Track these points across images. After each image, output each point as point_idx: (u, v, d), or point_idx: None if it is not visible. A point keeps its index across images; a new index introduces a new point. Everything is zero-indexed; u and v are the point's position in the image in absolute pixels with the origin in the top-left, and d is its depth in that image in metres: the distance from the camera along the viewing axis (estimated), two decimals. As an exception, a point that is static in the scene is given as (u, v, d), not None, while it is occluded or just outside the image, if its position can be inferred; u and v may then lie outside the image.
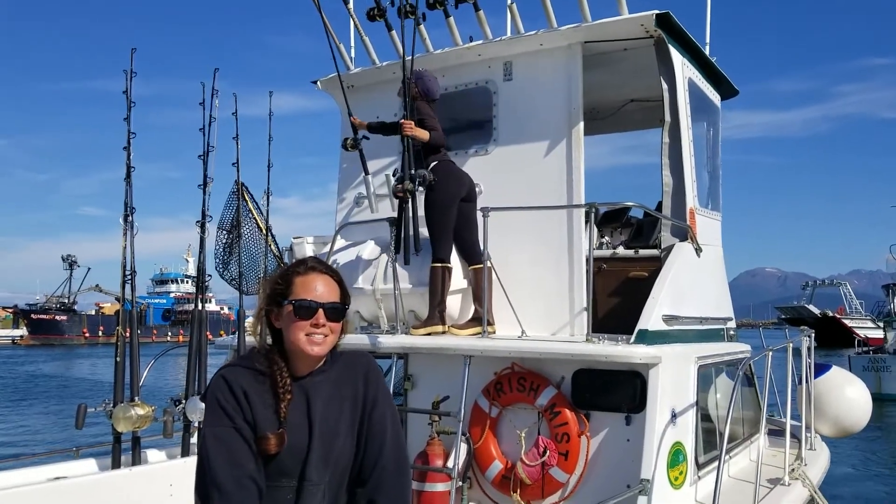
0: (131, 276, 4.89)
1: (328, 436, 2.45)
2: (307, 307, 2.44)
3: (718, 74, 7.27)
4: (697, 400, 5.52)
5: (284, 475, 2.40)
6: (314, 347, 2.44)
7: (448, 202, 5.93)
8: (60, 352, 69.60)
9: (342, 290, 2.56)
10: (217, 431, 2.37)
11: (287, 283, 2.49)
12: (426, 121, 5.98)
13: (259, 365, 2.46)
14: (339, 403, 2.51)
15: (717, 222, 7.16)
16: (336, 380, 2.54)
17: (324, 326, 2.45)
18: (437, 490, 5.31)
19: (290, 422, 2.41)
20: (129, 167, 4.84)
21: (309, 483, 2.41)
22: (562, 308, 6.12)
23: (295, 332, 2.43)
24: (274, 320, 2.51)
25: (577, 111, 6.32)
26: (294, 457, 2.40)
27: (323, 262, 2.61)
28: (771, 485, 5.66)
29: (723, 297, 7.14)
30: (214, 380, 2.46)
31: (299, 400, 2.45)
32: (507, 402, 5.48)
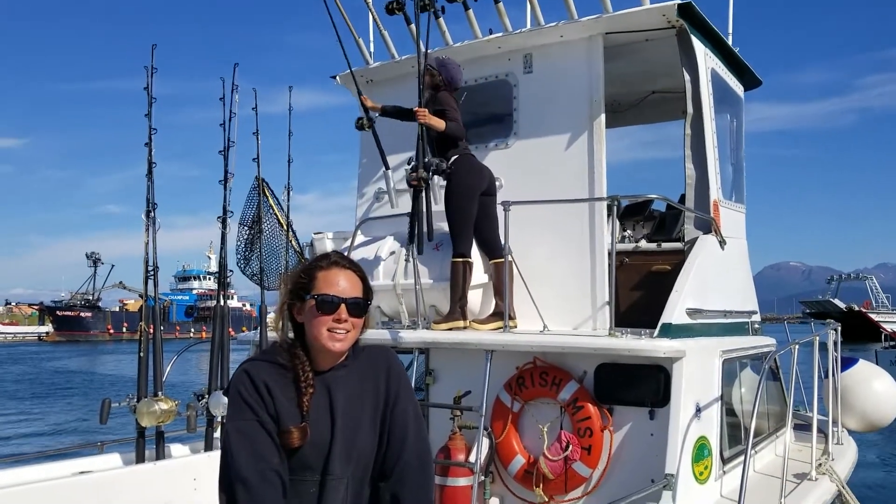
0: (154, 272, 4.92)
1: (350, 430, 2.45)
2: (329, 302, 2.43)
3: (741, 64, 7.17)
4: (722, 394, 5.46)
5: (308, 469, 2.40)
6: (336, 343, 2.43)
7: (468, 196, 5.88)
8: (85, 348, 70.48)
9: (365, 286, 2.55)
10: (240, 425, 2.37)
11: (310, 278, 2.49)
12: (447, 112, 5.91)
13: (281, 359, 2.46)
14: (360, 397, 2.50)
15: (741, 214, 7.07)
16: (358, 374, 2.53)
17: (346, 321, 2.44)
18: (459, 484, 5.29)
19: (313, 416, 2.40)
20: (151, 163, 4.86)
21: (332, 477, 2.41)
22: (584, 302, 6.07)
23: (317, 327, 2.43)
24: (296, 314, 2.50)
25: (598, 103, 6.26)
26: (317, 451, 2.40)
27: (346, 257, 2.59)
28: (798, 480, 5.60)
29: (747, 290, 7.05)
30: (237, 374, 2.46)
31: (321, 394, 2.44)
32: (530, 397, 5.45)
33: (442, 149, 5.99)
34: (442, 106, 5.93)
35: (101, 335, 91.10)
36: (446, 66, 6.10)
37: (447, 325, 5.69)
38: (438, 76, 6.04)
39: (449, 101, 5.99)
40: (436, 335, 5.65)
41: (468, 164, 5.97)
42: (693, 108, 6.09)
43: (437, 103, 5.95)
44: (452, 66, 6.16)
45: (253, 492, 2.29)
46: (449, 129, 5.89)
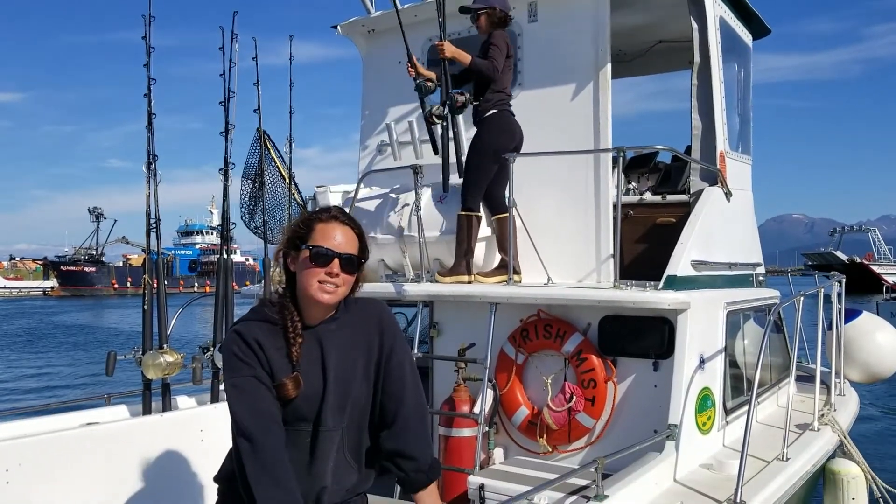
0: (156, 225, 4.90)
1: (343, 381, 2.47)
2: (324, 255, 2.43)
3: (750, 12, 7.03)
4: (726, 346, 5.47)
5: (301, 420, 2.44)
6: (325, 295, 2.44)
7: (492, 156, 5.68)
8: (90, 302, 70.98)
9: (361, 243, 2.55)
10: (237, 381, 2.39)
11: (308, 229, 2.49)
12: (491, 50, 5.62)
13: (270, 314, 2.47)
14: (352, 349, 2.52)
15: (747, 166, 7.01)
16: (349, 327, 2.54)
17: (337, 276, 2.44)
18: (463, 435, 5.33)
19: (305, 368, 2.42)
20: (150, 114, 4.80)
21: (324, 428, 2.44)
22: (588, 255, 6.04)
23: (308, 278, 2.44)
24: (290, 263, 2.51)
25: (604, 53, 6.15)
26: (310, 402, 2.43)
27: (346, 213, 2.59)
28: (800, 430, 5.63)
29: (752, 242, 7.02)
30: (228, 335, 2.48)
31: (312, 347, 2.46)
32: (534, 349, 5.47)
33: (478, 90, 5.75)
34: (490, 43, 5.66)
35: (105, 290, 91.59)
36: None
37: (452, 278, 5.66)
38: (495, 12, 5.75)
39: (499, 40, 5.68)
40: (440, 288, 5.65)
41: (502, 122, 5.75)
42: (700, 58, 5.99)
43: (490, 43, 5.68)
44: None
45: (258, 446, 2.32)
46: (474, 64, 5.61)
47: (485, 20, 5.81)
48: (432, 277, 5.89)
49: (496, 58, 5.60)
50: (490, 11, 5.77)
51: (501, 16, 5.79)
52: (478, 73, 5.67)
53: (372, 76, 7.39)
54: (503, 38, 5.73)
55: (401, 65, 6.97)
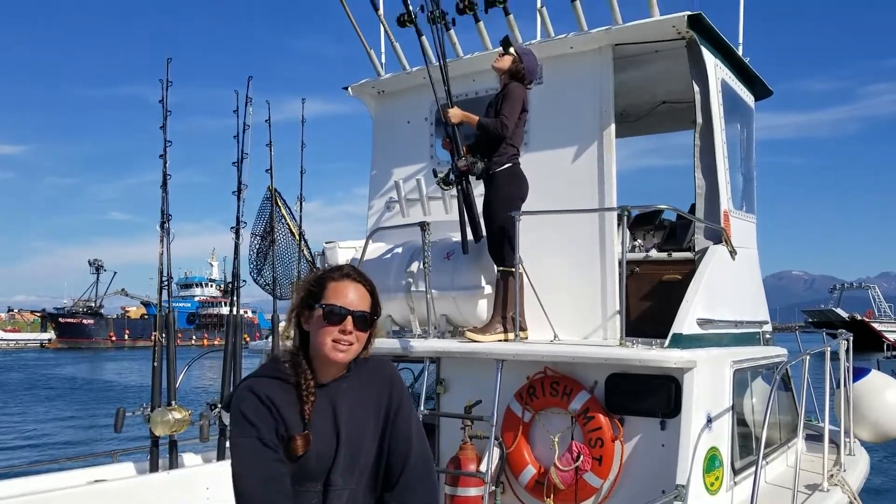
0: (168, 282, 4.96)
1: (355, 441, 2.48)
2: (337, 313, 2.45)
3: (752, 75, 7.18)
4: (733, 404, 5.45)
5: (310, 480, 2.43)
6: (339, 354, 2.46)
7: (517, 204, 5.71)
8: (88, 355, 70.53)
9: (373, 301, 2.57)
10: (241, 442, 2.39)
11: (321, 287, 2.52)
12: (504, 108, 5.65)
13: (282, 371, 2.48)
14: (364, 409, 2.53)
15: (751, 224, 7.07)
16: (361, 385, 2.56)
17: (351, 334, 2.46)
18: (469, 495, 5.30)
19: (317, 428, 2.42)
20: (166, 175, 4.91)
21: (334, 487, 2.44)
22: (594, 312, 6.08)
23: (322, 337, 2.45)
24: (304, 322, 2.53)
25: (608, 114, 6.28)
26: (321, 462, 2.43)
27: (358, 271, 2.62)
28: (809, 491, 5.58)
29: (758, 299, 7.05)
30: (239, 391, 2.48)
31: (325, 406, 2.47)
32: (540, 407, 5.46)
33: (486, 148, 5.78)
34: (506, 99, 5.68)
35: (103, 342, 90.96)
36: (528, 56, 5.84)
37: (488, 336, 5.52)
38: (520, 63, 5.76)
39: (514, 95, 5.69)
40: (446, 344, 5.66)
41: (517, 174, 5.80)
42: (703, 119, 6.10)
43: (504, 95, 5.72)
44: (532, 58, 5.89)
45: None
46: (481, 125, 5.66)
47: (508, 62, 5.80)
48: (439, 333, 5.91)
49: (507, 114, 5.61)
50: (515, 59, 5.78)
51: (520, 71, 5.77)
52: (485, 132, 5.73)
53: (381, 135, 7.54)
54: (520, 93, 5.74)
55: (409, 125, 7.16)
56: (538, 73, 5.97)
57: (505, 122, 5.61)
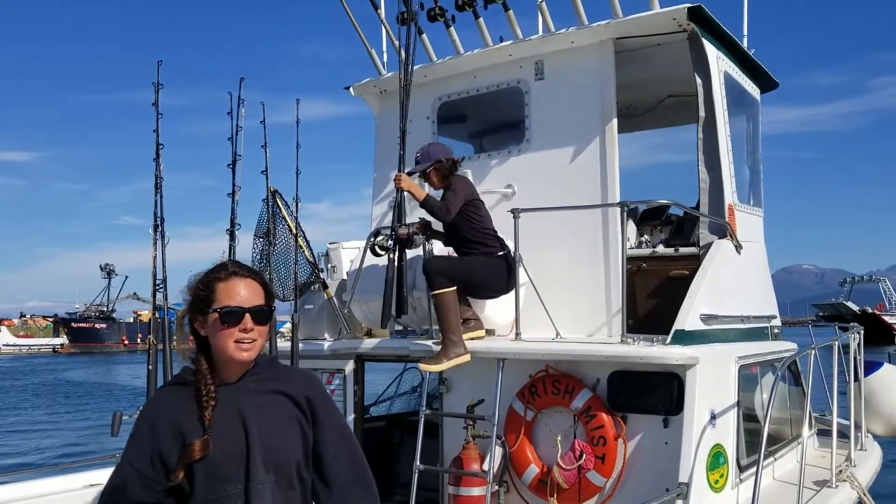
0: (163, 286, 4.97)
1: (266, 435, 2.40)
2: (233, 313, 2.38)
3: (757, 67, 7.09)
4: (740, 400, 5.39)
5: (228, 482, 2.35)
6: (243, 353, 2.40)
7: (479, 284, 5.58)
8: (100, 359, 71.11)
9: (266, 292, 2.50)
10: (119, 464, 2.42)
11: (210, 290, 2.43)
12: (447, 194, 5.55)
13: (187, 377, 2.44)
14: (273, 404, 2.45)
15: (758, 218, 6.98)
16: (269, 380, 2.49)
17: (252, 330, 2.40)
18: (473, 494, 5.27)
19: (223, 428, 2.36)
20: (159, 178, 4.92)
21: (255, 482, 2.36)
22: (598, 309, 6.03)
23: (223, 340, 2.39)
24: (199, 328, 2.45)
25: (610, 108, 6.22)
26: (234, 461, 2.35)
27: (244, 266, 2.54)
28: (817, 487, 5.50)
29: (766, 294, 6.96)
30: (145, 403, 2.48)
31: (230, 406, 2.40)
32: (543, 405, 5.41)
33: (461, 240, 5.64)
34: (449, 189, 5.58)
35: (115, 346, 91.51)
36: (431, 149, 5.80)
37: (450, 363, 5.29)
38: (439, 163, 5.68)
39: (454, 187, 5.56)
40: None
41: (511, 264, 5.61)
42: (705, 112, 6.03)
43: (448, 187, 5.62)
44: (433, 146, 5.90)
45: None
46: (426, 203, 5.51)
47: (435, 175, 5.73)
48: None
49: (451, 200, 5.47)
50: (438, 165, 5.70)
51: (450, 164, 5.71)
52: (429, 212, 5.56)
53: (384, 135, 7.51)
54: (462, 183, 5.64)
55: (412, 123, 7.12)
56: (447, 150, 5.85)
57: (449, 207, 5.45)
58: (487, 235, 5.62)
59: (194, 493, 2.32)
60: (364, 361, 6.38)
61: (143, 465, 2.34)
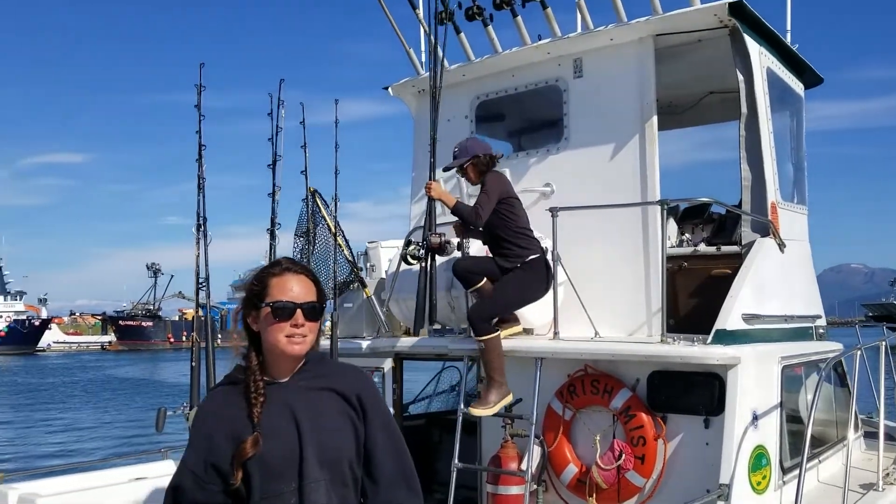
0: (205, 284, 5.05)
1: (319, 430, 2.41)
2: (285, 308, 2.41)
3: (800, 63, 6.97)
4: (783, 401, 5.30)
5: (282, 481, 2.36)
6: (294, 347, 2.42)
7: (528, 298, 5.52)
8: (147, 356, 72.73)
9: (318, 289, 2.53)
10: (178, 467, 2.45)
11: (263, 286, 2.47)
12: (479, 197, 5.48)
13: (238, 375, 2.47)
14: (325, 400, 2.47)
15: (802, 216, 6.86)
16: (321, 378, 2.51)
17: (303, 326, 2.42)
18: (511, 493, 5.27)
19: (274, 425, 2.38)
20: (201, 178, 5.00)
21: (309, 480, 2.37)
22: (638, 308, 5.99)
23: (274, 334, 2.41)
24: (252, 323, 2.48)
25: (650, 106, 6.17)
26: (288, 459, 2.37)
27: (297, 263, 2.58)
28: (863, 490, 5.39)
29: (811, 293, 6.83)
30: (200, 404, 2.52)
31: (282, 404, 2.42)
32: (581, 405, 5.39)
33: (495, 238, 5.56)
34: (481, 191, 5.50)
35: (161, 344, 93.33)
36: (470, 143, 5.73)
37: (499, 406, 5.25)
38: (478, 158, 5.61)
39: (488, 186, 5.47)
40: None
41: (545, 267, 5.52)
42: (747, 109, 5.95)
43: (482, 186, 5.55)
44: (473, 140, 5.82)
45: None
46: (456, 209, 5.50)
47: (473, 171, 5.65)
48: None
49: (482, 204, 5.39)
50: (475, 161, 5.62)
51: (488, 160, 5.62)
52: (460, 218, 5.55)
53: (422, 134, 7.52)
54: (496, 181, 5.54)
55: (450, 122, 7.15)
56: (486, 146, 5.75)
57: (479, 212, 5.38)
58: (520, 235, 5.52)
59: (252, 492, 2.34)
60: (402, 360, 6.42)
61: (198, 467, 2.37)
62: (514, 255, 5.47)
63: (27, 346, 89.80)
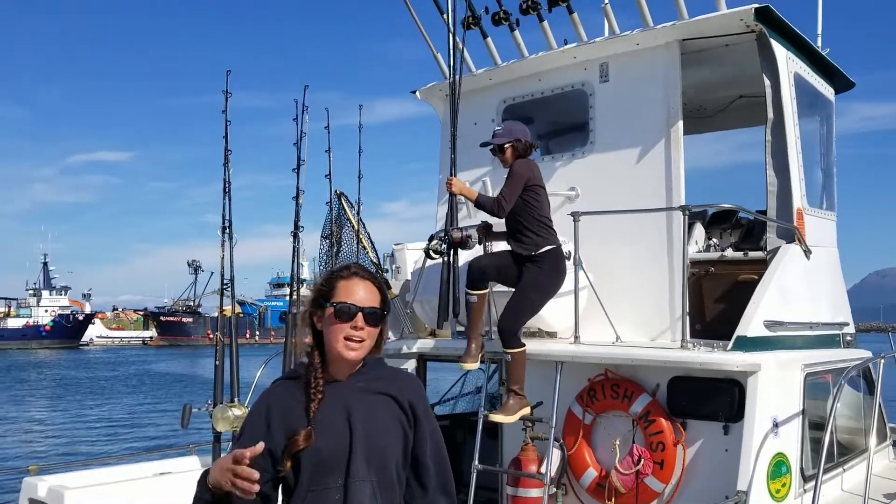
0: (230, 285, 5.16)
1: (370, 434, 2.49)
2: (346, 310, 2.51)
3: (830, 67, 6.89)
4: (806, 409, 5.27)
5: (329, 475, 2.45)
6: (350, 351, 2.51)
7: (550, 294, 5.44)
8: (187, 351, 73.91)
9: (383, 297, 2.61)
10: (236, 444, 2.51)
11: (330, 287, 2.57)
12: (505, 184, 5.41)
13: (300, 370, 2.57)
14: (379, 403, 2.56)
15: (831, 222, 6.79)
16: (378, 388, 2.59)
17: (362, 330, 2.51)
18: (530, 496, 5.31)
19: (328, 421, 2.47)
20: (227, 182, 5.11)
21: (355, 479, 2.46)
22: (662, 313, 5.97)
23: (334, 334, 2.51)
24: (316, 322, 2.58)
25: (675, 111, 6.15)
26: (337, 455, 2.46)
27: (365, 269, 2.67)
28: (887, 500, 5.33)
29: (838, 300, 6.76)
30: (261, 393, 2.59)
31: (337, 402, 2.51)
32: (601, 409, 5.41)
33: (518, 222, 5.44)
34: (508, 179, 5.42)
35: (200, 339, 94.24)
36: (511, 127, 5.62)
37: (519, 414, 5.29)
38: (524, 143, 5.52)
39: (515, 173, 5.39)
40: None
41: (558, 259, 5.44)
42: (774, 114, 5.91)
43: (507, 175, 5.47)
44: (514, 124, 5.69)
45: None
46: (478, 202, 5.46)
47: (510, 152, 5.54)
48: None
49: (506, 193, 5.32)
50: (515, 143, 5.52)
51: (525, 147, 5.54)
52: (483, 210, 5.49)
53: (449, 137, 7.59)
54: (525, 167, 5.43)
55: (477, 126, 7.19)
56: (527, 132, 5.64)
57: (502, 203, 5.31)
58: (540, 224, 5.39)
59: (299, 483, 2.44)
60: (426, 361, 6.48)
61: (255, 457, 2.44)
62: (531, 244, 5.37)
63: (71, 340, 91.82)
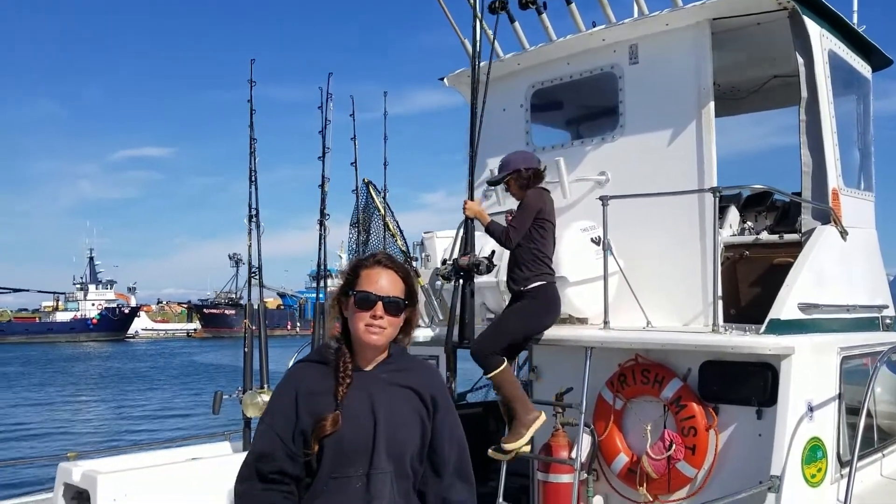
0: (258, 272, 5.22)
1: (392, 426, 2.53)
2: (367, 299, 2.54)
3: (867, 44, 6.72)
4: (842, 393, 5.16)
5: (351, 465, 2.49)
6: (371, 337, 2.54)
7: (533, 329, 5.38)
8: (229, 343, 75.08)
9: (408, 287, 2.64)
10: (260, 426, 2.58)
11: (355, 275, 2.62)
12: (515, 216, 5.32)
13: (326, 356, 2.60)
14: (402, 395, 2.60)
15: (869, 203, 6.64)
16: (401, 379, 2.62)
17: (381, 318, 2.54)
18: (561, 481, 5.29)
19: (354, 410, 2.50)
20: (252, 171, 5.16)
21: (377, 471, 2.49)
22: (695, 297, 5.89)
23: (356, 322, 2.55)
24: (343, 309, 2.63)
25: (706, 91, 6.04)
26: (361, 445, 2.49)
27: (391, 258, 2.70)
28: (928, 487, 5.21)
29: (877, 283, 6.60)
30: (286, 373, 2.64)
31: (363, 391, 2.54)
32: (632, 395, 5.36)
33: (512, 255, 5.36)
34: (518, 210, 5.35)
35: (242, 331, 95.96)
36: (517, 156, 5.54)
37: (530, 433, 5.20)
38: (526, 172, 5.40)
39: (525, 204, 5.29)
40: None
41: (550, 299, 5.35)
42: (808, 93, 5.78)
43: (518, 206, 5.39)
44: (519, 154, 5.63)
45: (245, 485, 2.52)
46: (489, 229, 5.34)
47: (514, 185, 5.45)
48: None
49: (515, 224, 5.22)
50: (516, 176, 5.41)
51: (530, 175, 5.39)
52: (493, 238, 5.39)
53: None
54: (537, 199, 5.30)
55: (505, 112, 7.16)
56: (529, 158, 5.55)
57: (510, 234, 5.22)
58: (535, 260, 5.25)
59: (321, 469, 2.49)
60: (456, 349, 6.46)
61: (287, 437, 2.51)
62: (520, 279, 5.29)
63: (117, 332, 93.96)
